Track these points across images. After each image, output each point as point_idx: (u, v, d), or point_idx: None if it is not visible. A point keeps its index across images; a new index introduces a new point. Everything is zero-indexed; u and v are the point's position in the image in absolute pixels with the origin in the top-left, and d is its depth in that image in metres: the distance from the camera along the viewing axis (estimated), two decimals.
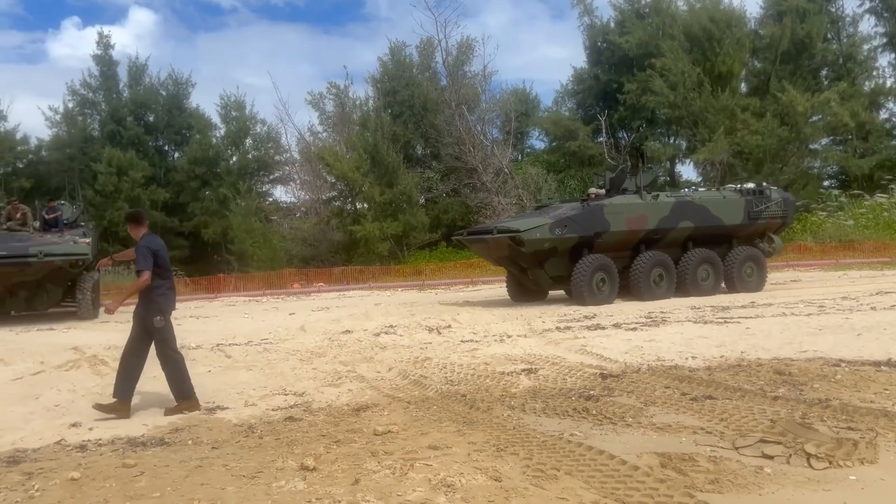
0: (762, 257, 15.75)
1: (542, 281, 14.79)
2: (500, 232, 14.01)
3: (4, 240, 16.04)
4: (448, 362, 7.56)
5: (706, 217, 15.02)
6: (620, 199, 14.60)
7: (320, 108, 37.55)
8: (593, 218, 14.10)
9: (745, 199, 15.50)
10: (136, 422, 5.57)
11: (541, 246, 13.68)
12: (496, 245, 14.35)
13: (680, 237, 14.95)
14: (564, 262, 14.26)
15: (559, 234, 13.73)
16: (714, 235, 15.24)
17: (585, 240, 14.05)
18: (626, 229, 14.31)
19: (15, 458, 4.61)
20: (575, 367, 6.98)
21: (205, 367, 8.00)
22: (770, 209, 15.67)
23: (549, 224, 13.73)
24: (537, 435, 4.64)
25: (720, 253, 15.21)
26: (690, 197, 15.37)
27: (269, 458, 4.39)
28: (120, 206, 31.73)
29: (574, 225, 13.93)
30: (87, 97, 35.70)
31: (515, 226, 14.02)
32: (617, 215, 14.23)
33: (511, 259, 14.66)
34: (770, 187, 16.50)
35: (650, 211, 14.51)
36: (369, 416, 5.40)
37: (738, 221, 15.31)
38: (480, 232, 15.38)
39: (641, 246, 14.67)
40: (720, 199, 15.41)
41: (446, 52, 35.26)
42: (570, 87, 39.45)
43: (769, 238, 16.01)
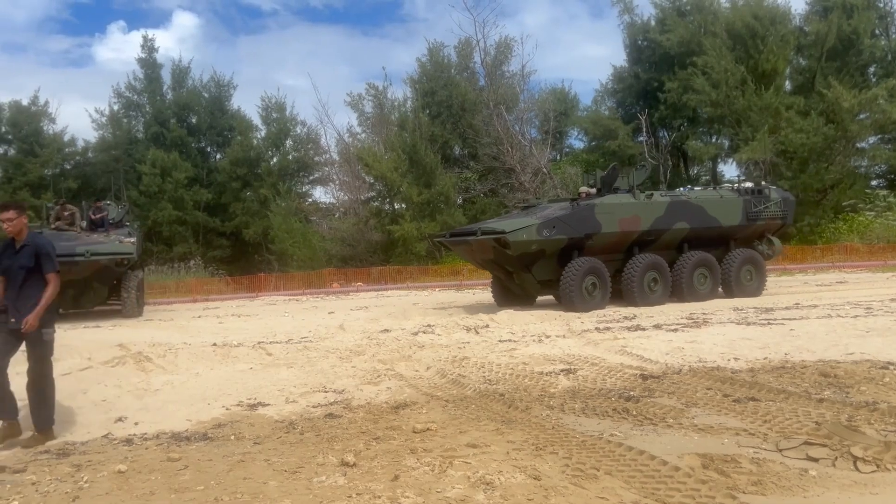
0: (761, 260, 14.99)
1: (530, 285, 13.93)
2: (485, 233, 13.17)
3: (53, 239, 16.42)
4: (486, 362, 7.56)
5: (703, 218, 14.28)
6: (612, 199, 13.78)
7: (359, 110, 37.83)
8: (583, 218, 13.29)
9: (743, 198, 14.76)
10: (180, 417, 5.67)
11: (528, 248, 12.88)
12: (480, 247, 13.45)
13: (675, 239, 14.21)
14: (553, 265, 13.45)
15: (547, 236, 12.92)
16: (711, 237, 14.51)
17: (575, 242, 13.25)
18: (618, 230, 13.54)
19: (65, 451, 4.74)
20: (615, 368, 6.92)
21: (246, 364, 8.12)
22: (769, 209, 14.91)
23: (537, 225, 12.90)
24: (577, 435, 4.61)
25: (717, 255, 14.49)
26: (686, 196, 14.59)
27: (309, 453, 4.44)
28: (164, 206, 32.35)
29: (563, 226, 13.11)
30: (132, 100, 36.47)
31: (500, 226, 13.19)
32: (609, 216, 13.44)
33: (496, 262, 13.80)
34: (769, 186, 15.73)
35: (644, 211, 13.72)
36: (408, 414, 5.43)
37: (736, 222, 14.59)
38: (464, 233, 14.32)
39: (635, 248, 13.92)
40: (717, 198, 14.66)
41: (484, 52, 35.25)
42: (610, 86, 39.12)
43: (768, 240, 15.25)
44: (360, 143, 35.72)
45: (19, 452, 4.75)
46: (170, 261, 30.71)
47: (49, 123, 34.04)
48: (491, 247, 13.07)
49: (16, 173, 32.01)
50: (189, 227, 33.53)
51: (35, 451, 4.73)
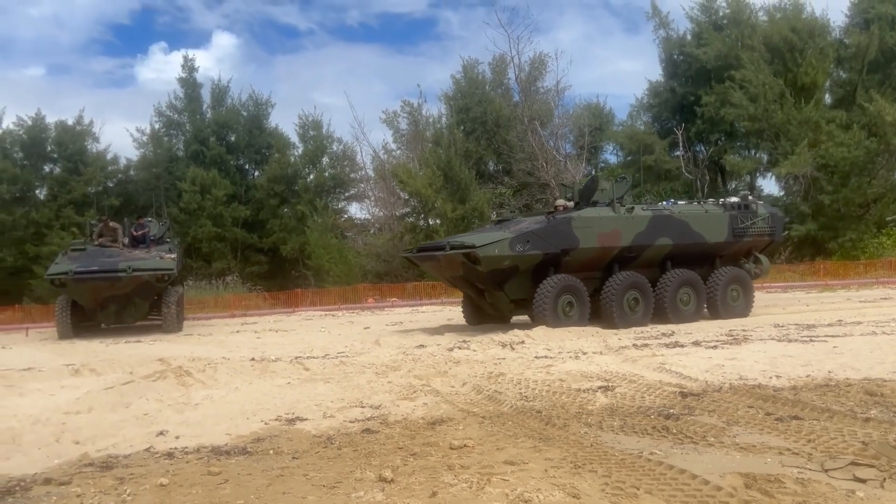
0: (748, 279, 14.28)
1: (502, 304, 13.25)
2: (454, 248, 12.47)
3: (96, 255, 16.88)
4: (522, 378, 7.52)
5: (687, 233, 13.57)
6: (591, 212, 13.05)
7: (394, 127, 38.15)
8: (560, 233, 12.55)
9: (729, 213, 14.07)
10: (219, 431, 5.73)
11: (499, 264, 12.19)
12: (449, 263, 12.79)
13: (658, 256, 13.49)
14: (527, 282, 12.73)
15: (520, 251, 12.21)
16: (695, 254, 13.81)
17: (551, 257, 12.56)
18: (597, 246, 12.81)
19: (108, 464, 4.82)
20: (653, 385, 6.84)
21: (284, 378, 8.19)
22: (756, 225, 14.26)
23: (510, 239, 12.18)
24: (616, 453, 4.57)
25: (702, 274, 13.76)
26: (669, 211, 13.80)
27: (347, 468, 4.46)
28: (203, 222, 32.85)
29: (537, 240, 12.39)
30: (172, 118, 37.18)
31: (471, 241, 12.47)
32: (587, 230, 12.70)
33: (466, 279, 13.07)
34: (756, 202, 15.01)
35: (624, 226, 12.98)
36: (445, 430, 5.42)
37: (722, 238, 13.90)
38: (432, 248, 13.59)
39: (615, 265, 13.20)
40: (702, 213, 13.96)
41: (519, 68, 35.38)
42: (646, 101, 38.89)
43: (756, 258, 14.54)
44: (395, 160, 35.98)
45: (64, 465, 4.84)
46: (209, 276, 31.17)
47: (93, 142, 34.83)
48: (460, 262, 12.43)
49: (61, 191, 32.79)
50: (228, 243, 33.99)
51: (80, 464, 4.82)
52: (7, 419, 6.37)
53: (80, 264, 16.23)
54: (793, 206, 31.33)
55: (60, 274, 16.01)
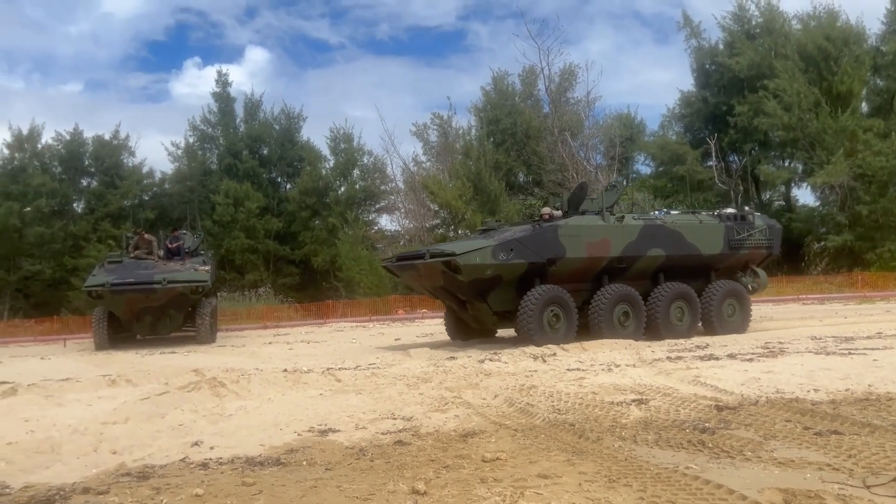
0: (745, 293, 13.66)
1: (485, 317, 12.65)
2: (434, 256, 11.95)
3: (132, 268, 17.17)
4: (554, 391, 7.47)
5: (680, 244, 12.96)
6: (579, 220, 12.49)
7: (424, 139, 38.36)
8: (546, 242, 11.99)
9: (725, 225, 13.48)
10: (253, 442, 5.77)
11: (481, 273, 11.63)
12: (428, 272, 12.23)
13: (650, 267, 12.93)
14: (511, 294, 12.13)
15: (504, 260, 11.63)
16: (689, 266, 13.19)
17: (536, 267, 11.98)
18: (585, 256, 12.26)
19: (144, 474, 4.88)
20: (688, 399, 6.75)
21: (316, 390, 8.23)
22: (754, 237, 13.66)
23: (492, 247, 11.63)
24: (650, 467, 4.51)
25: (696, 287, 13.16)
26: (661, 220, 13.17)
27: (380, 480, 4.46)
28: (236, 235, 33.25)
29: (522, 249, 11.80)
30: (206, 132, 37.77)
31: (451, 249, 12.00)
32: (574, 239, 12.12)
33: (447, 290, 12.49)
34: (753, 213, 14.42)
35: (614, 235, 12.42)
36: (477, 443, 5.40)
37: (717, 251, 13.30)
38: (411, 257, 13.04)
39: (604, 277, 12.65)
40: (696, 224, 13.37)
41: (549, 79, 35.41)
42: (677, 111, 38.63)
43: (753, 271, 13.95)
44: (425, 172, 36.13)
45: (102, 474, 4.91)
46: (241, 288, 31.50)
47: (129, 157, 35.54)
48: (440, 272, 11.88)
49: (98, 204, 33.45)
50: (260, 255, 34.35)
51: (118, 474, 4.89)
52: (47, 429, 6.48)
53: (116, 276, 16.51)
54: (829, 216, 30.84)
55: (97, 286, 16.31)
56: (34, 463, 5.25)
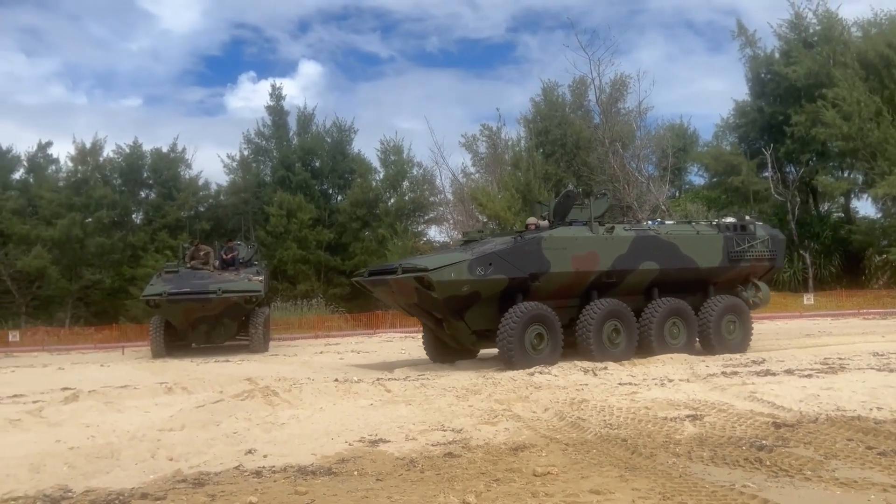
0: (746, 309, 12.77)
1: (463, 336, 11.81)
2: (406, 271, 11.18)
3: (188, 278, 17.57)
4: (606, 405, 7.38)
5: (675, 257, 12.12)
6: (564, 232, 11.63)
7: (473, 150, 38.38)
8: (528, 254, 11.13)
9: (724, 235, 12.63)
10: (305, 451, 5.83)
11: (457, 290, 10.80)
12: (401, 288, 11.47)
13: (642, 282, 12.12)
14: (491, 311, 11.32)
15: (482, 275, 10.80)
16: (685, 280, 12.38)
17: (518, 283, 11.14)
18: (571, 270, 11.40)
19: (200, 480, 4.97)
20: (744, 415, 6.60)
21: (367, 400, 8.29)
22: (755, 249, 12.80)
23: (469, 262, 10.80)
24: (706, 485, 4.42)
25: (693, 303, 12.35)
26: (655, 231, 12.34)
27: (430, 492, 4.46)
28: (289, 245, 33.72)
29: (502, 263, 10.97)
30: (260, 145, 38.45)
31: (424, 263, 11.16)
32: (559, 252, 11.26)
33: (421, 307, 11.67)
34: (755, 222, 13.51)
35: (603, 247, 11.58)
36: (527, 457, 5.37)
37: (716, 263, 12.48)
38: (383, 272, 12.16)
39: (593, 292, 11.78)
40: (693, 234, 12.52)
41: (599, 89, 35.08)
42: (732, 121, 37.89)
43: (754, 285, 13.01)
44: (473, 183, 36.14)
45: (159, 480, 5.02)
46: (293, 298, 31.90)
47: (186, 169, 36.36)
48: (413, 288, 11.10)
49: (155, 215, 34.32)
50: (312, 265, 34.75)
51: (174, 480, 4.99)
52: (107, 434, 6.67)
53: (173, 286, 16.92)
54: (891, 228, 29.88)
55: (155, 295, 16.73)
56: (95, 468, 5.40)
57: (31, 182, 34.45)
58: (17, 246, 30.22)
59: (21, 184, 34.54)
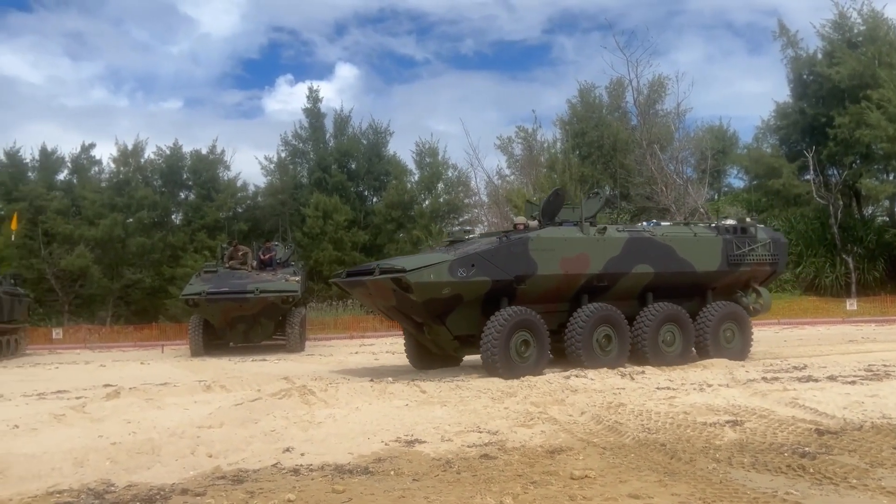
0: (746, 316, 12.15)
1: (444, 342, 11.12)
2: (384, 272, 10.51)
3: (226, 278, 17.81)
4: (644, 409, 7.30)
5: (671, 260, 11.51)
6: (553, 232, 10.99)
7: (508, 152, 38.35)
8: (513, 256, 10.47)
9: (723, 238, 12.00)
10: (342, 450, 5.86)
11: (437, 292, 10.16)
12: (378, 290, 10.82)
13: (636, 286, 11.50)
14: (474, 316, 10.67)
15: (463, 277, 10.13)
16: (682, 285, 11.75)
17: (503, 286, 10.49)
18: (560, 273, 10.75)
19: (239, 477, 5.03)
20: (786, 421, 6.48)
21: (402, 400, 8.30)
22: (756, 252, 12.15)
23: (450, 262, 10.14)
24: (747, 491, 4.34)
25: (690, 309, 11.72)
26: (650, 233, 11.72)
27: (467, 493, 4.45)
28: (325, 247, 33.99)
29: (485, 265, 10.31)
30: (297, 147, 38.81)
31: (402, 264, 10.50)
32: (547, 253, 10.62)
33: (400, 310, 11.04)
34: (756, 224, 12.84)
35: (594, 249, 10.95)
36: (564, 460, 5.33)
37: (714, 267, 11.86)
38: (360, 273, 11.52)
39: (583, 296, 11.14)
40: (690, 237, 11.90)
41: (637, 91, 34.78)
42: (772, 123, 37.26)
43: (755, 291, 12.34)
44: (509, 185, 36.08)
45: (199, 477, 5.08)
46: (329, 298, 32.13)
47: (224, 170, 36.84)
48: (391, 290, 10.45)
49: (195, 216, 34.84)
50: (347, 266, 34.93)
51: (213, 477, 5.05)
52: (147, 431, 6.78)
53: (211, 285, 17.16)
54: None
55: (194, 294, 16.99)
56: (136, 463, 5.49)
57: (75, 183, 35.22)
58: (60, 245, 30.92)
59: (65, 185, 35.32)
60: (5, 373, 14.63)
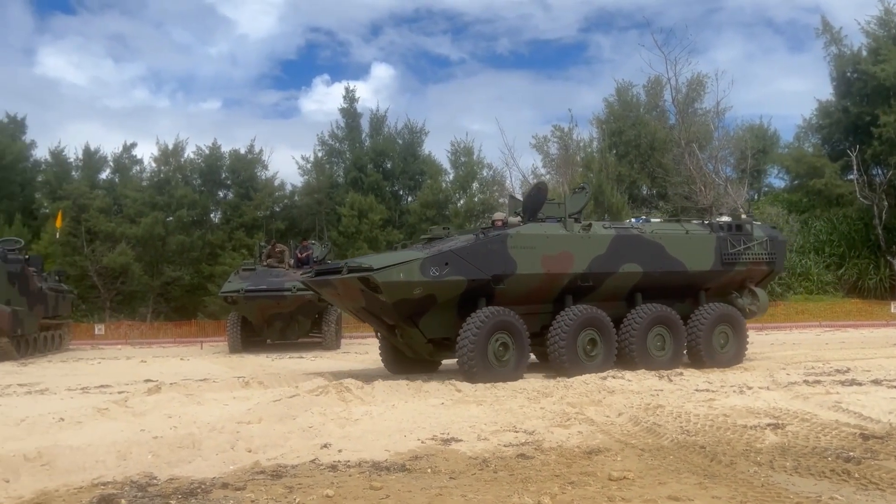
0: (741, 319, 11.55)
1: (418, 345, 10.48)
2: (351, 270, 9.82)
3: (264, 276, 18.02)
4: (682, 411, 7.22)
5: (661, 259, 10.91)
6: (534, 229, 10.37)
7: (544, 151, 38.21)
8: (491, 254, 9.84)
9: (717, 236, 11.42)
10: (379, 447, 5.89)
11: (408, 293, 9.52)
12: (346, 290, 10.17)
13: (624, 286, 10.90)
14: (450, 317, 10.05)
15: (436, 276, 9.50)
16: (673, 286, 11.17)
17: (479, 286, 9.85)
18: (541, 272, 10.15)
19: (278, 472, 5.08)
20: (829, 425, 6.35)
21: (438, 399, 8.32)
22: (752, 251, 11.57)
23: (421, 261, 9.51)
24: (790, 495, 4.27)
25: (682, 311, 11.15)
26: (638, 230, 11.10)
27: (504, 492, 4.44)
28: (360, 245, 34.17)
29: (460, 263, 9.66)
30: (333, 147, 39.12)
31: (371, 262, 9.81)
32: (527, 251, 10.00)
33: (370, 312, 10.36)
34: (752, 221, 12.21)
35: (578, 247, 10.35)
36: (602, 461, 5.29)
37: (707, 267, 11.27)
38: (328, 271, 10.77)
39: (567, 297, 10.54)
40: (682, 234, 11.32)
41: (676, 89, 34.41)
42: (814, 121, 36.62)
43: (751, 292, 11.77)
44: None
45: (239, 471, 5.15)
46: None
47: (262, 170, 37.26)
48: (359, 290, 9.81)
49: (233, 215, 35.28)
50: None
51: (253, 471, 5.11)
52: (188, 425, 6.89)
53: (249, 283, 17.38)
54: None
55: (232, 292, 17.22)
56: (177, 457, 5.57)
57: (117, 182, 35.92)
58: (103, 243, 31.56)
59: (107, 183, 36.03)
60: (50, 367, 15.00)
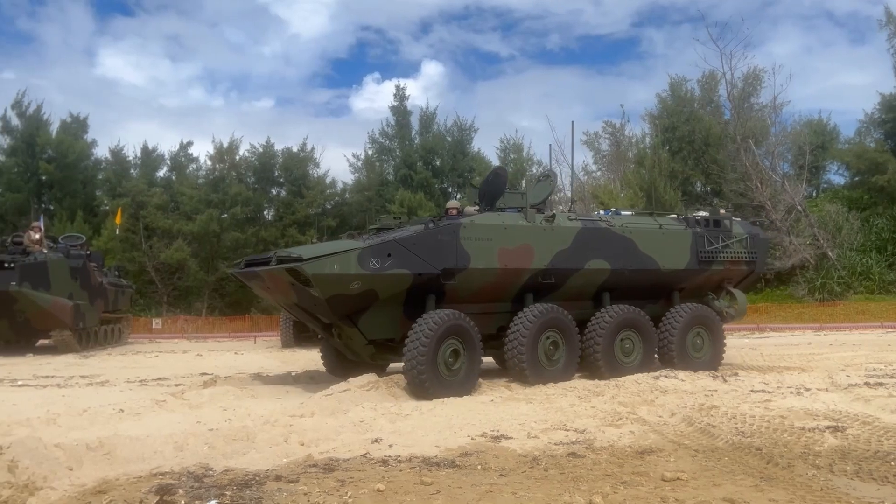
0: (717, 321, 10.71)
1: (357, 346, 9.29)
2: (281, 261, 8.70)
3: None
4: (738, 412, 7.07)
5: (632, 256, 10.06)
6: (489, 219, 9.30)
7: (595, 148, 37.81)
8: (440, 245, 8.76)
9: (693, 232, 10.61)
10: (429, 442, 5.92)
11: (343, 287, 8.32)
12: (275, 283, 9.00)
13: (590, 285, 10.03)
14: (394, 317, 8.99)
15: (376, 269, 8.38)
16: (644, 285, 10.37)
17: (426, 281, 8.78)
18: (497, 267, 9.13)
19: (330, 466, 5.15)
20: (891, 429, 6.15)
21: (488, 396, 8.33)
22: (731, 249, 10.79)
23: (359, 251, 8.37)
24: (852, 500, 4.15)
25: (653, 312, 10.38)
26: (607, 223, 10.15)
27: (555, 491, 4.42)
28: None
29: (405, 255, 8.57)
30: (384, 145, 39.37)
31: (300, 252, 8.58)
32: (482, 243, 8.97)
33: (303, 308, 9.23)
34: (731, 217, 11.31)
35: (539, 240, 9.40)
36: (654, 461, 5.22)
37: (682, 265, 10.46)
38: (257, 262, 9.54)
39: (527, 296, 9.65)
40: (654, 229, 10.44)
41: (731, 84, 33.65)
42: (877, 116, 35.43)
43: (729, 293, 11.02)
44: (595, 181, 35.56)
45: (292, 464, 5.23)
46: None
47: (314, 168, 37.71)
48: (288, 283, 8.65)
49: (286, 212, 35.80)
50: None
51: (306, 464, 5.19)
52: (242, 418, 7.03)
53: None
54: None
55: None
56: (232, 449, 5.69)
57: (174, 179, 36.76)
58: (160, 239, 32.38)
59: (164, 181, 36.90)
60: (110, 360, 15.45)
